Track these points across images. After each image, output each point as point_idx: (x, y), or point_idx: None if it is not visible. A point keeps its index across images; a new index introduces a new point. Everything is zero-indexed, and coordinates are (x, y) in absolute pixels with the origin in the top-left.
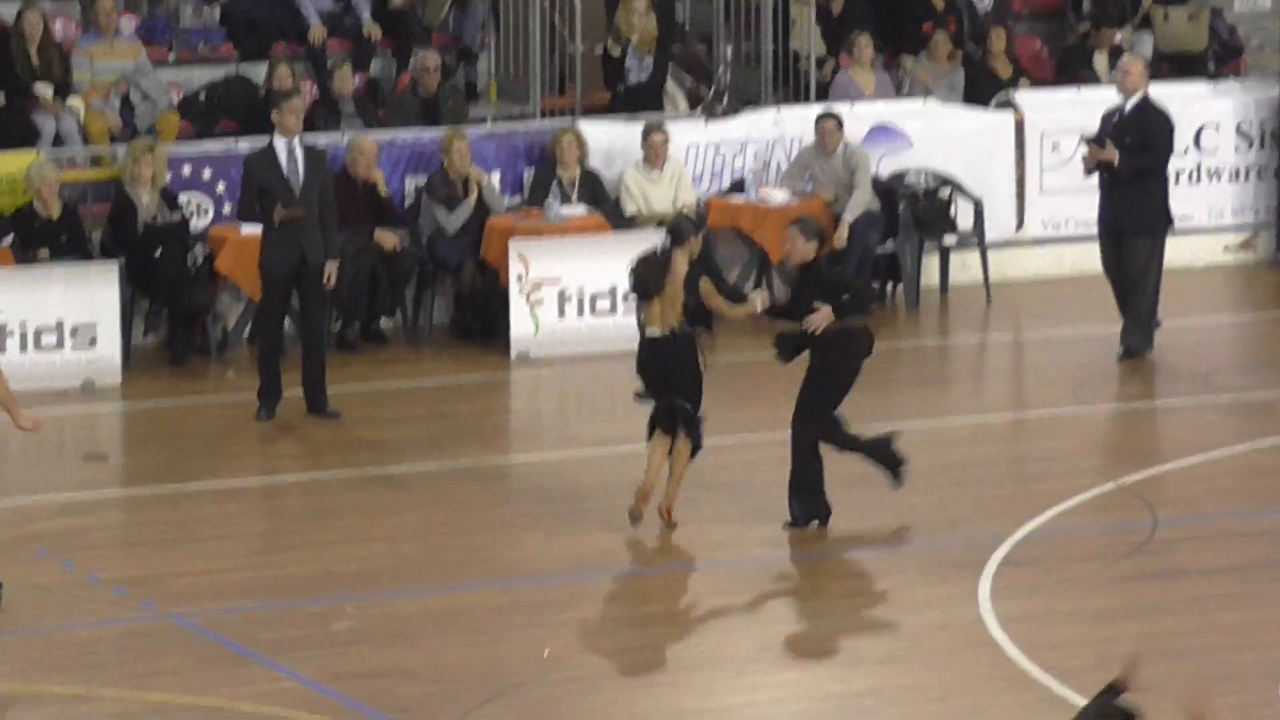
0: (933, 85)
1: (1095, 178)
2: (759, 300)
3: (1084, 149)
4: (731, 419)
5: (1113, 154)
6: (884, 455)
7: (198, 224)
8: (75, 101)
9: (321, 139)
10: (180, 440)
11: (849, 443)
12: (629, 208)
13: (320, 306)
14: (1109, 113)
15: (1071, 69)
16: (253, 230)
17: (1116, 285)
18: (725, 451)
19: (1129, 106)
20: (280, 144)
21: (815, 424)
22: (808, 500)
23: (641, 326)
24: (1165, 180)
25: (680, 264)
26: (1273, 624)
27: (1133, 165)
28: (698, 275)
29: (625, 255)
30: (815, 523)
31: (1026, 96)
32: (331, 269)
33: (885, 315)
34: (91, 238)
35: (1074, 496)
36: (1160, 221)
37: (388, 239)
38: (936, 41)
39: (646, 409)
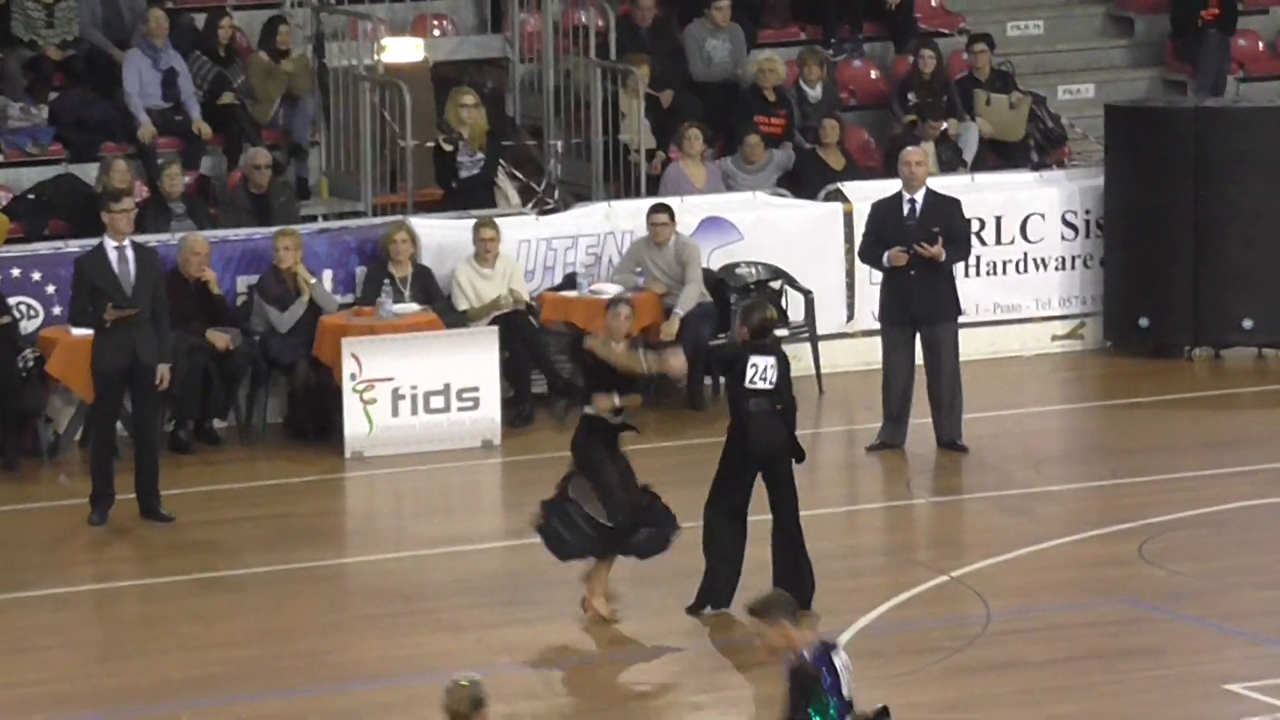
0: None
1: (873, 272)
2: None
3: (892, 252)
4: None
5: (940, 250)
6: (711, 586)
7: (27, 326)
8: None
9: (153, 239)
10: (11, 547)
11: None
12: (461, 304)
13: (153, 407)
14: (886, 207)
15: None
16: (84, 332)
17: (899, 380)
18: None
19: (920, 199)
20: (111, 244)
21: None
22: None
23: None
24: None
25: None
26: (1106, 714)
27: (953, 257)
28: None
29: (458, 352)
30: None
31: (855, 187)
32: (164, 372)
33: (718, 408)
34: None
35: (909, 589)
36: (958, 307)
37: (220, 338)
38: (749, 144)
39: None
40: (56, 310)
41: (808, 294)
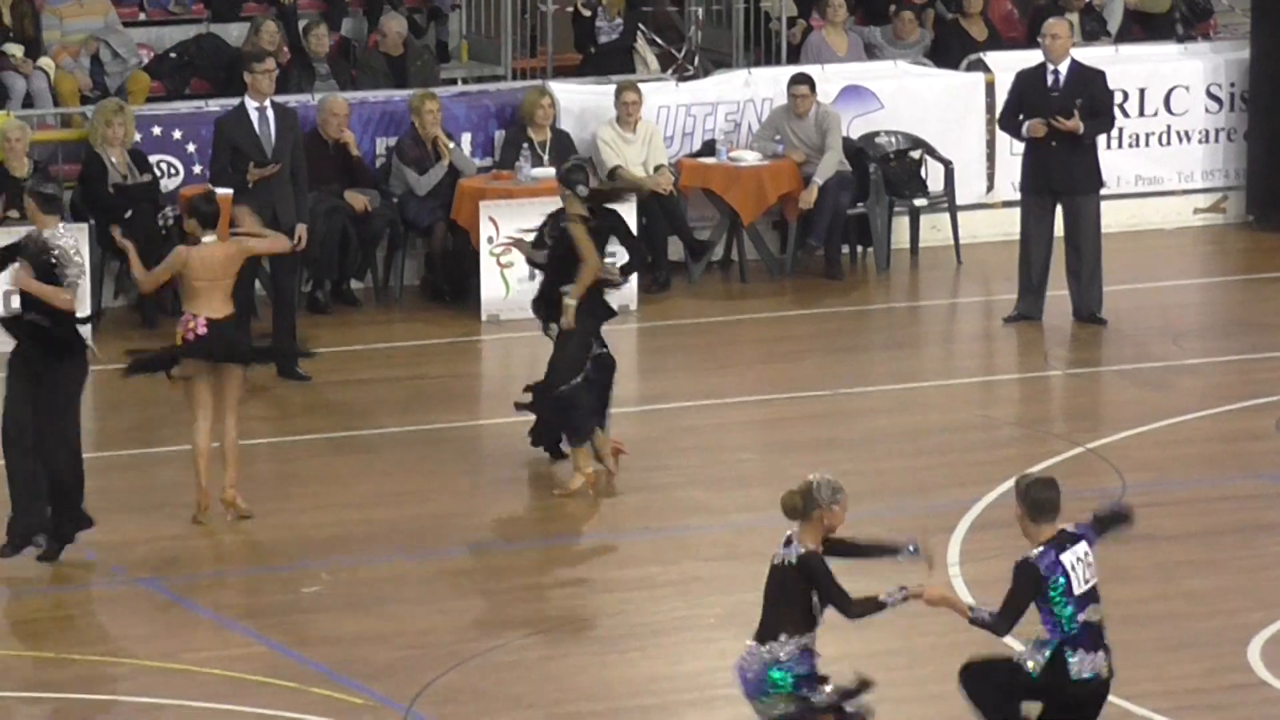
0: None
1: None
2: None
3: (1031, 122)
4: (703, 384)
5: (1078, 123)
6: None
7: (168, 185)
8: (45, 61)
9: (293, 99)
10: (148, 404)
11: None
12: (610, 161)
13: (291, 268)
14: (1030, 77)
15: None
16: (224, 191)
17: (1039, 251)
18: (695, 415)
19: (1064, 70)
20: (252, 104)
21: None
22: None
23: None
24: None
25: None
26: (1238, 590)
27: (1095, 130)
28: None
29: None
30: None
31: (997, 58)
32: (301, 231)
33: (855, 277)
34: (61, 198)
35: (1043, 460)
36: (1100, 179)
37: (358, 200)
38: (903, 19)
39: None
40: (197, 169)
41: (948, 164)
